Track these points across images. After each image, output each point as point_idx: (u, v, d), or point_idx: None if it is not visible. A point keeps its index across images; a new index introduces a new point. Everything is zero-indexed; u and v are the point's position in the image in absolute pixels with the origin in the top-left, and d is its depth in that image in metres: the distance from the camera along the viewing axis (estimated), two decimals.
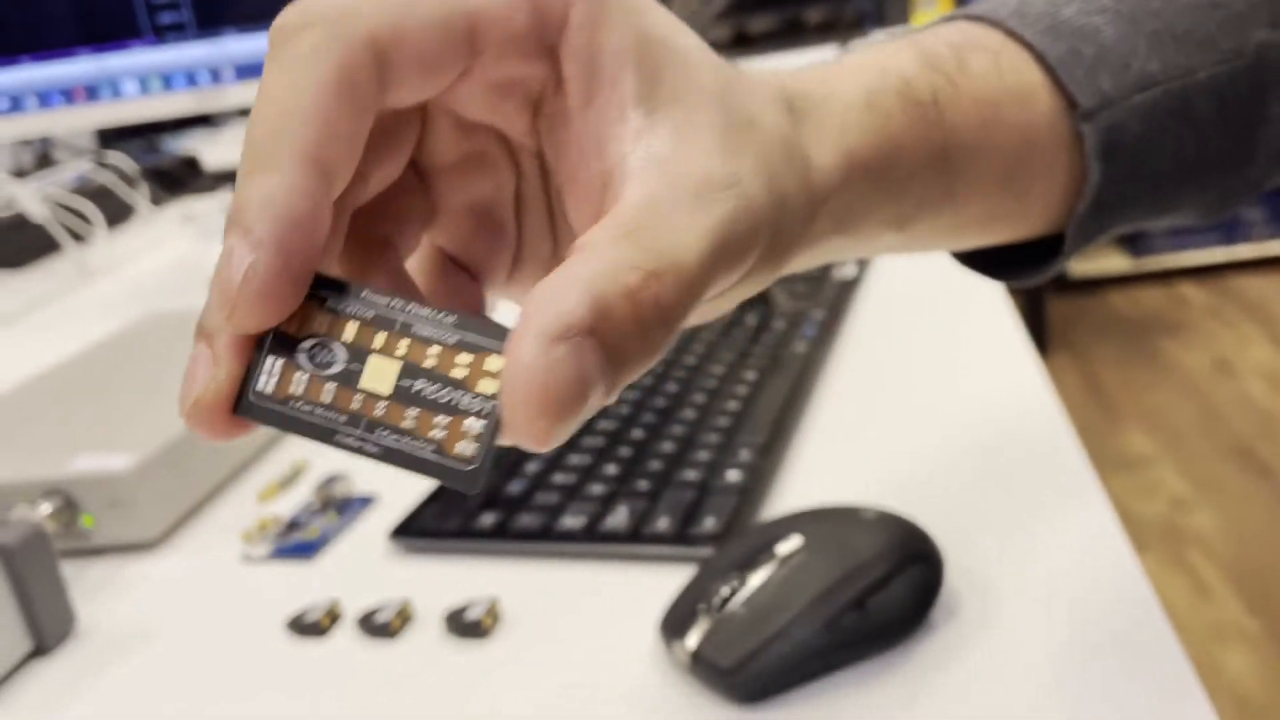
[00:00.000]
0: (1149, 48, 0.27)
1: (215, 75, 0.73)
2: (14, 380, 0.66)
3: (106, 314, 0.81)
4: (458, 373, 0.17)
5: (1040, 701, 0.29)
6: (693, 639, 0.32)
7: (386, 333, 0.18)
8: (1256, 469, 1.55)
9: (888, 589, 0.32)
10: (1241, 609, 1.29)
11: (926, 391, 0.47)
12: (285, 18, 0.18)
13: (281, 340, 0.18)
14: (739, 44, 2.66)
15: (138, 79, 0.72)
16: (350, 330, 0.18)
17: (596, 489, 0.42)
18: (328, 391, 0.18)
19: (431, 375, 0.17)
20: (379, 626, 0.36)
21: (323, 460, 0.49)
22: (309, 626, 0.36)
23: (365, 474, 0.47)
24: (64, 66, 0.72)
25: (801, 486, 0.41)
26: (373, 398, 0.17)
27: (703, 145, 0.19)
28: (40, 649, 0.37)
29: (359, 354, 0.18)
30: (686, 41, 0.20)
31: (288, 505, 0.45)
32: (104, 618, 0.39)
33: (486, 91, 0.20)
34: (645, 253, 0.17)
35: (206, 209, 1.05)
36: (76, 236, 0.95)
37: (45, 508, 0.42)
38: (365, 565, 0.40)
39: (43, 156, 1.92)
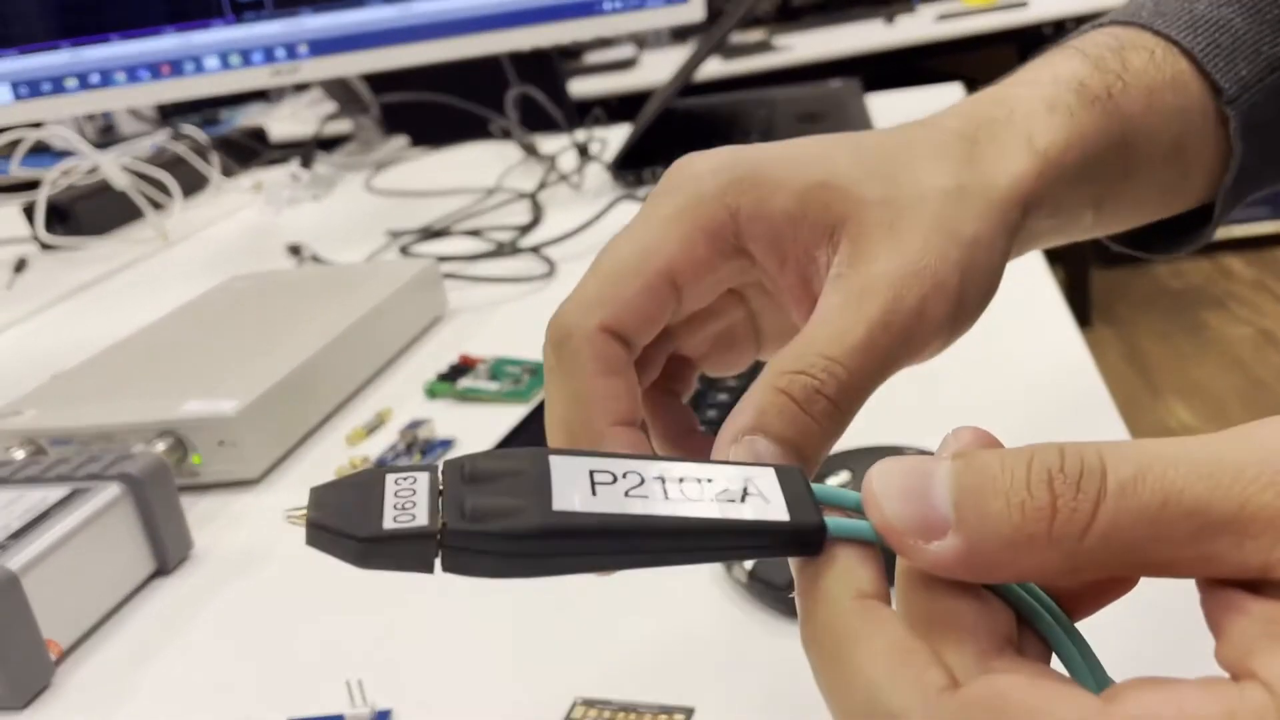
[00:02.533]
0: (1274, 33, 0.31)
1: (291, 51, 0.77)
2: (112, 336, 0.71)
3: (186, 277, 0.86)
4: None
5: None
6: (749, 561, 0.35)
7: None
8: None
9: None
10: None
11: (969, 361, 0.50)
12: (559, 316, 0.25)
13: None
14: (784, 18, 2.65)
15: (218, 55, 0.77)
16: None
17: None
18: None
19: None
20: None
21: (404, 408, 0.53)
22: None
23: (443, 419, 0.51)
24: (150, 43, 0.76)
25: (847, 436, 0.44)
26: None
27: (870, 253, 0.24)
28: (161, 570, 0.42)
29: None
30: (821, 161, 0.25)
31: (374, 448, 0.50)
32: (215, 544, 0.44)
33: (713, 287, 0.26)
34: (798, 359, 0.23)
35: (273, 178, 1.10)
36: (155, 205, 1.00)
37: (160, 446, 0.46)
38: None
39: (106, 128, 1.99)
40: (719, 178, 0.25)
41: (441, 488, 0.18)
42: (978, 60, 2.71)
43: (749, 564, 0.35)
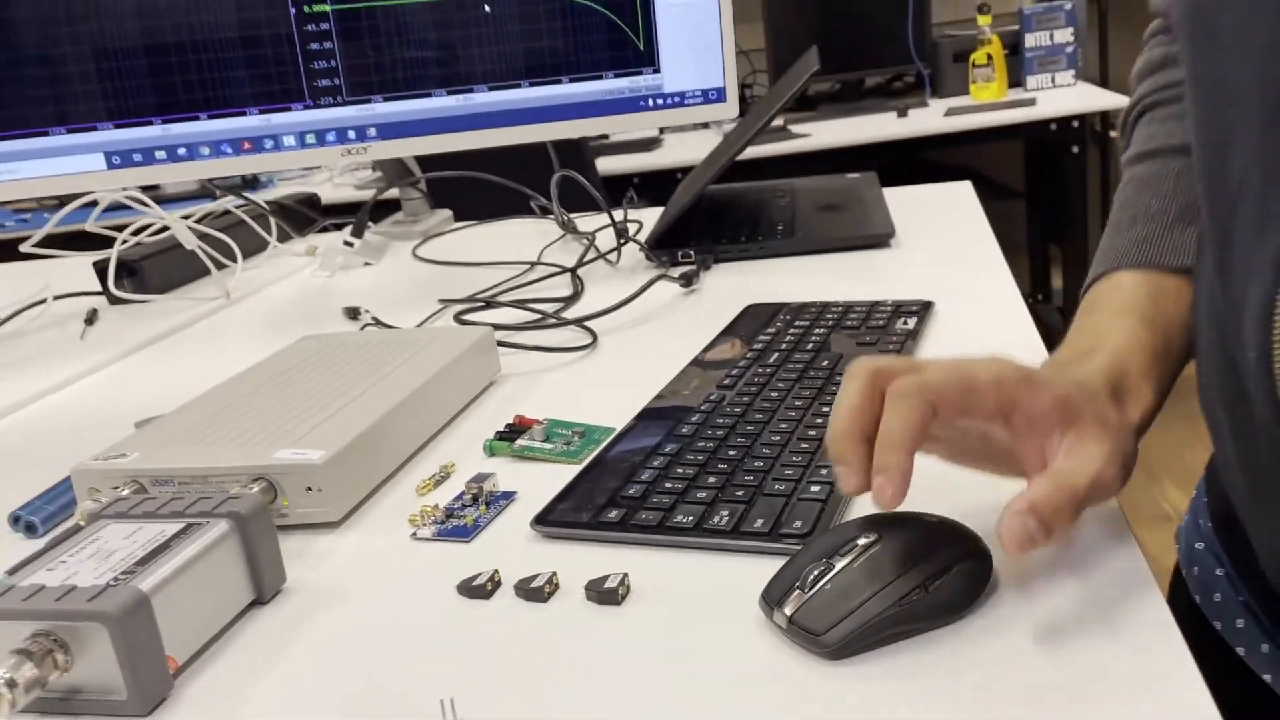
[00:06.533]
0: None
1: (361, 134, 0.84)
2: (184, 386, 0.77)
3: (249, 334, 0.92)
4: None
5: (1059, 676, 0.37)
6: (789, 608, 0.40)
7: None
8: None
9: (946, 576, 0.40)
10: None
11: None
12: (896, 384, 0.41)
13: None
14: (802, 107, 2.76)
15: (296, 135, 0.84)
16: None
17: (701, 494, 0.50)
18: None
19: None
20: (533, 591, 0.45)
21: (465, 463, 0.59)
22: (476, 589, 0.45)
23: (504, 474, 0.56)
24: (235, 122, 0.84)
25: (870, 500, 0.49)
26: None
27: (1088, 443, 0.42)
28: (259, 599, 0.47)
29: None
30: (1067, 380, 0.44)
31: (441, 497, 0.55)
32: (304, 579, 0.49)
33: (983, 419, 0.43)
34: (1058, 489, 0.40)
35: (327, 243, 1.17)
36: (217, 265, 1.07)
37: (254, 489, 0.52)
38: (513, 546, 0.49)
39: (151, 185, 2.08)
40: (1012, 373, 0.42)
41: None
42: (986, 152, 2.81)
43: (789, 609, 0.40)
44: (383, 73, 0.85)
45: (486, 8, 0.85)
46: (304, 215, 1.27)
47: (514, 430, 0.62)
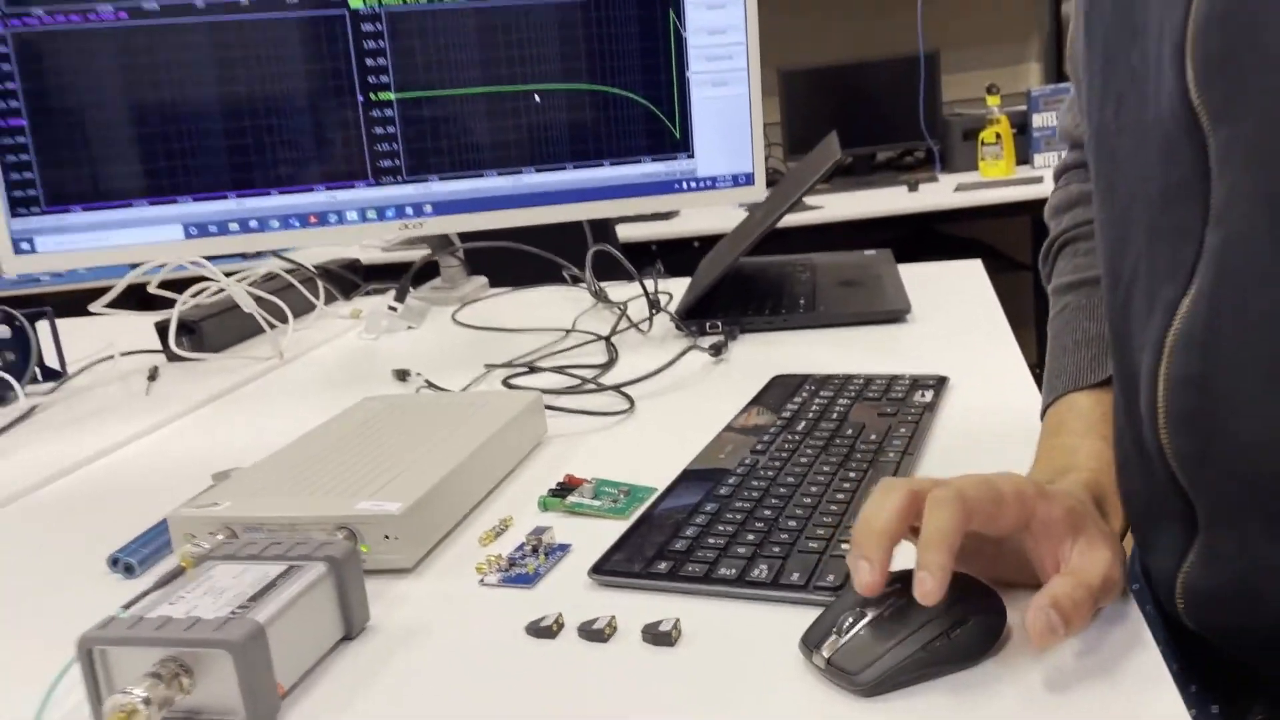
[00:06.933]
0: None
1: (418, 210, 0.91)
2: (249, 441, 0.83)
3: (304, 393, 0.98)
4: None
5: (1059, 712, 0.42)
6: (827, 650, 0.45)
7: None
8: None
9: (966, 626, 0.45)
10: None
11: None
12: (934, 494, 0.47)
13: None
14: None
15: (358, 210, 0.91)
16: None
17: (741, 550, 0.56)
18: None
19: None
20: (594, 632, 0.50)
21: (521, 517, 0.64)
22: (543, 630, 0.51)
23: (558, 528, 0.62)
24: (303, 198, 0.91)
25: (896, 558, 0.55)
26: None
27: (1096, 549, 0.48)
28: (348, 635, 0.52)
29: None
30: (1070, 493, 0.50)
31: (502, 547, 0.60)
32: (385, 619, 0.54)
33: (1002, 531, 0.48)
34: (1077, 586, 0.45)
35: (372, 307, 1.24)
36: (269, 325, 1.13)
37: (338, 536, 0.57)
38: (572, 593, 0.55)
39: None
40: (1029, 488, 0.48)
41: None
42: (995, 226, 2.90)
43: (826, 652, 0.45)
44: (439, 154, 0.92)
45: (537, 98, 0.93)
46: (346, 279, 1.34)
47: (565, 487, 0.67)
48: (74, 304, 1.21)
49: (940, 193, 2.55)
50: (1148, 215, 0.48)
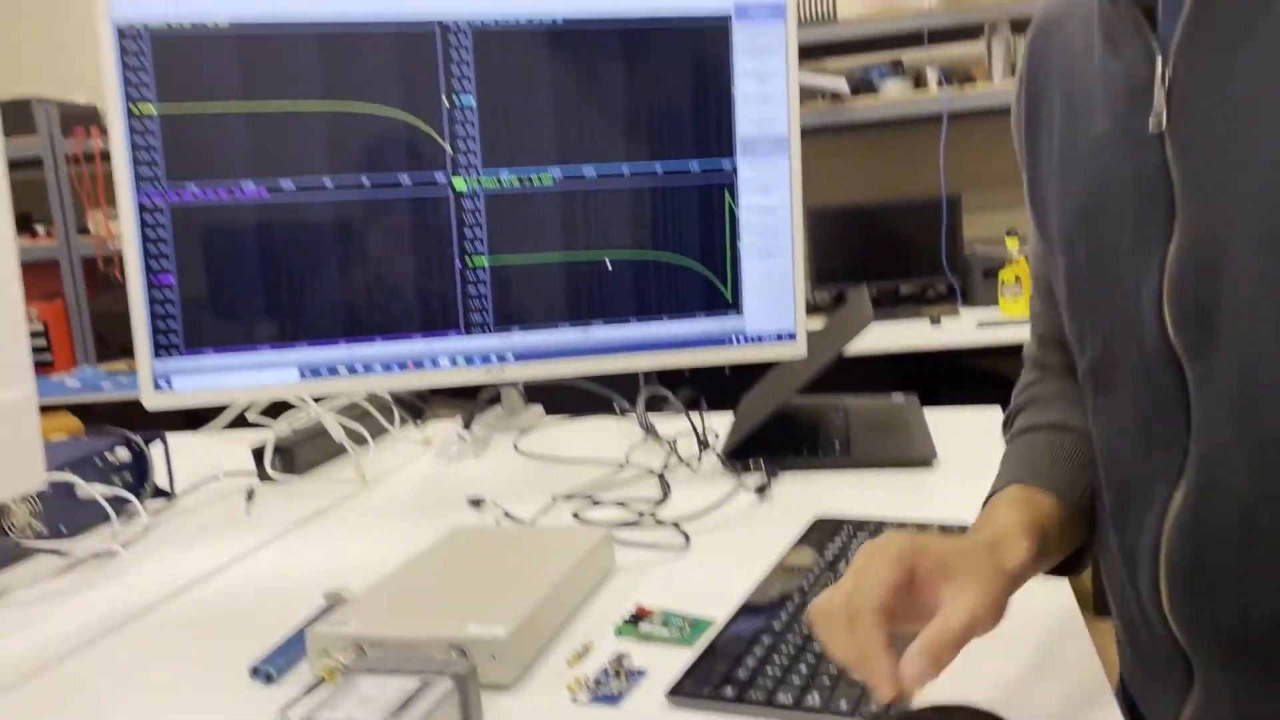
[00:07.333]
0: (1081, 472, 0.70)
1: (501, 358, 1.04)
2: (349, 562, 0.93)
3: (387, 518, 1.09)
4: None
5: None
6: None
7: None
8: None
9: None
10: None
11: (990, 640, 0.71)
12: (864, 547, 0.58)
13: None
14: (840, 305, 3.01)
15: (449, 357, 1.04)
16: None
17: (796, 680, 0.66)
18: None
19: None
20: None
21: (600, 641, 0.74)
22: None
23: (635, 653, 0.72)
24: (403, 345, 1.04)
25: (929, 692, 0.64)
26: None
27: (964, 595, 0.55)
28: None
29: None
30: (949, 547, 0.58)
31: (587, 668, 0.70)
32: None
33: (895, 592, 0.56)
34: (941, 632, 0.53)
35: (442, 435, 1.36)
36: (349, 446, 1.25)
37: (452, 655, 0.68)
38: (652, 711, 0.65)
39: None
40: (905, 547, 0.56)
41: None
42: (1015, 363, 3.01)
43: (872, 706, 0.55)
44: (522, 310, 1.05)
45: (608, 264, 1.07)
46: (416, 406, 1.47)
47: (636, 617, 0.77)
48: (130, 407, 1.32)
49: (963, 328, 2.67)
50: (1140, 428, 0.59)
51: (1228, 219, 0.52)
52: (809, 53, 3.11)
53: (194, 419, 1.78)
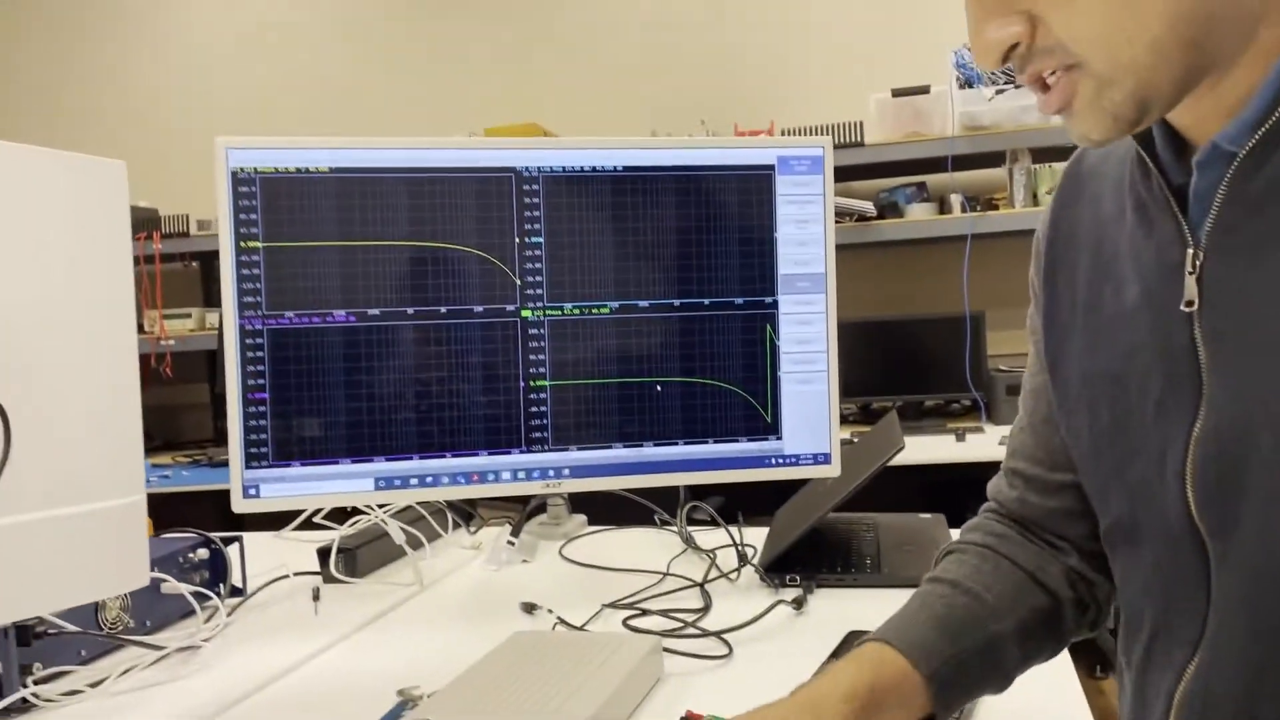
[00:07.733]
0: (952, 637, 0.71)
1: (558, 473, 1.13)
2: (411, 663, 1.00)
3: (446, 619, 1.16)
4: None
5: None
6: None
7: None
8: None
9: None
10: None
11: None
12: None
13: None
14: (865, 420, 3.08)
15: (511, 471, 1.13)
16: None
17: None
18: None
19: None
20: None
21: None
22: None
23: None
24: (470, 460, 1.13)
25: None
26: None
27: None
28: None
29: None
30: (770, 714, 0.66)
31: None
32: None
33: None
34: None
35: (492, 540, 1.43)
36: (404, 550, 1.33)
37: None
38: None
39: None
40: None
41: None
42: None
43: None
44: (579, 429, 1.15)
45: (659, 388, 1.16)
46: (465, 511, 1.55)
47: None
48: (178, 498, 1.41)
49: (987, 444, 2.73)
50: (1162, 592, 0.62)
51: (1254, 405, 0.53)
52: (837, 175, 3.26)
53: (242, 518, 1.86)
